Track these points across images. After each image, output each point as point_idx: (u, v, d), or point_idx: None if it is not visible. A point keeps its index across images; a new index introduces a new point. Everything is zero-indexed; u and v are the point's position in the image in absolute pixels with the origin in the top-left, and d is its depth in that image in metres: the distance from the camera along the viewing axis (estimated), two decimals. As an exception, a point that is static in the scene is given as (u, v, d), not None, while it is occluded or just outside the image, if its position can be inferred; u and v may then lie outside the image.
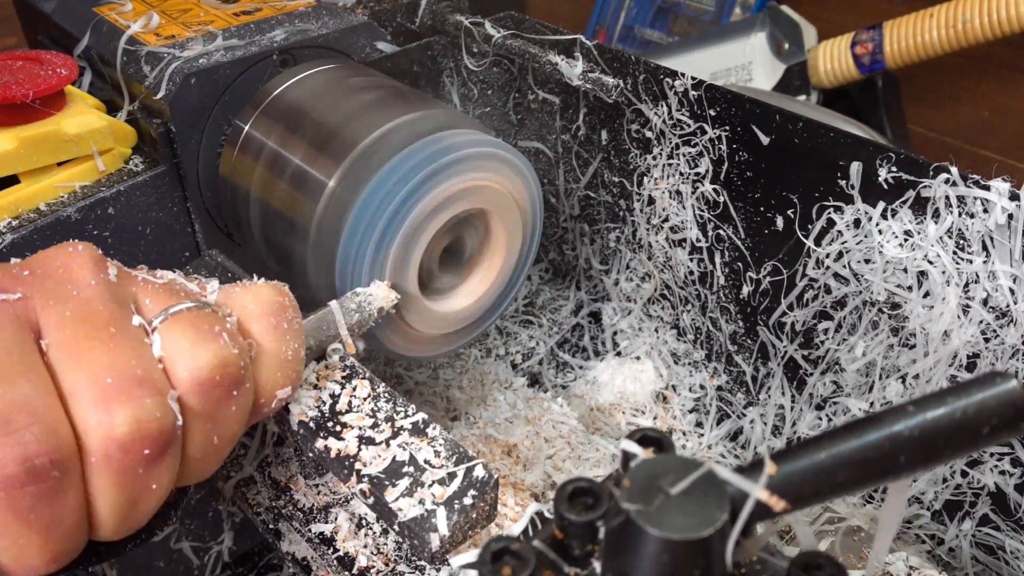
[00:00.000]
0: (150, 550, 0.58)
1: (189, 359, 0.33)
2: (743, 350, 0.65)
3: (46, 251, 0.35)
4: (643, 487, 0.25)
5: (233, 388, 0.34)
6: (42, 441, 0.29)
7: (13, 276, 0.33)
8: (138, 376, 0.31)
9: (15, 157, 0.46)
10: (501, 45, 0.64)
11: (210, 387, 0.33)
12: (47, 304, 0.32)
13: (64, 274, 0.33)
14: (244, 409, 0.36)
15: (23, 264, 0.34)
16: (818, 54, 1.01)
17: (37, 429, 0.29)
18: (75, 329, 0.31)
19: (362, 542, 0.49)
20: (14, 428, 0.29)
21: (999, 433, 0.24)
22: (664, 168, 0.63)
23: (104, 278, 0.34)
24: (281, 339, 0.37)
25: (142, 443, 0.31)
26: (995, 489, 0.52)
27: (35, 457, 0.29)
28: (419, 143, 0.48)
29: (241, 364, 0.35)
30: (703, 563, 0.24)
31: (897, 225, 0.50)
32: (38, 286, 0.32)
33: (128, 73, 0.53)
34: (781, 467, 0.25)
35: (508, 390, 0.71)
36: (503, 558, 0.27)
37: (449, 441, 0.38)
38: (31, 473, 0.29)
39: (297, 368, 0.38)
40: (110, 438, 0.30)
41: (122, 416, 0.31)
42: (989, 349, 0.49)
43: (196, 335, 0.34)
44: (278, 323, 0.38)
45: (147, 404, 0.31)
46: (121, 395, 0.31)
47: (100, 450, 0.31)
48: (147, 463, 0.32)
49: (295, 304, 0.39)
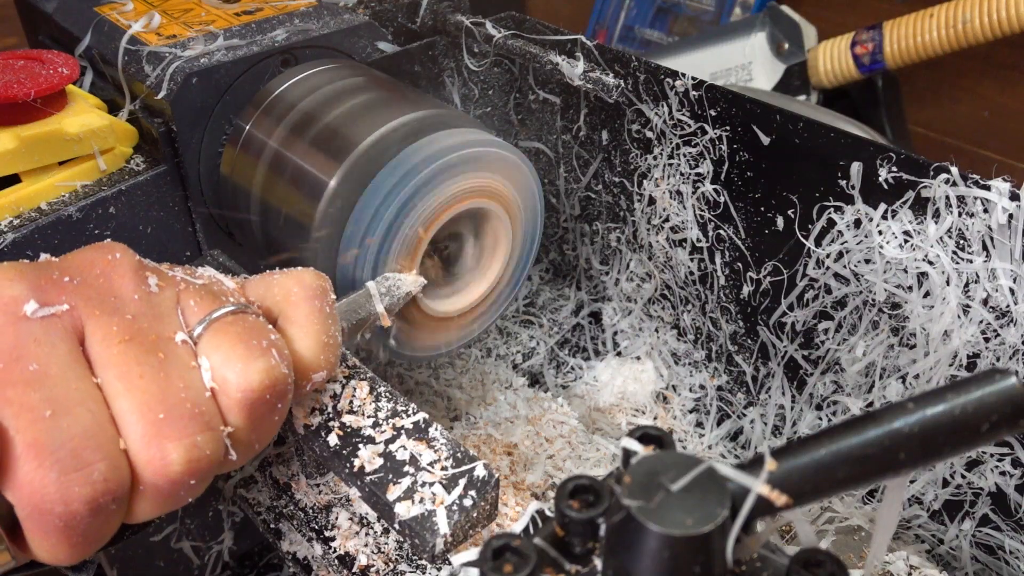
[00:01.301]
0: (150, 549, 0.58)
1: (241, 378, 0.33)
2: (743, 350, 0.65)
3: (82, 253, 0.34)
4: (644, 484, 0.25)
5: (279, 402, 0.35)
6: (109, 480, 0.30)
7: (55, 283, 0.32)
8: (189, 411, 0.32)
9: (16, 156, 0.46)
10: (502, 45, 0.64)
11: (259, 405, 0.34)
12: (92, 314, 0.32)
13: (105, 284, 0.33)
14: (284, 415, 0.36)
15: (62, 268, 0.33)
16: (818, 54, 1.01)
17: (104, 467, 0.30)
18: (123, 350, 0.31)
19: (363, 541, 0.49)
20: (83, 464, 0.29)
21: (999, 430, 0.24)
22: (665, 168, 0.63)
23: (145, 290, 0.34)
24: (324, 323, 0.38)
25: (191, 476, 0.32)
26: (995, 489, 0.52)
27: (102, 497, 0.30)
28: (420, 143, 0.48)
29: (289, 380, 0.35)
30: (703, 559, 0.24)
31: (897, 225, 0.50)
32: (81, 294, 0.32)
33: (129, 73, 0.53)
34: (781, 463, 0.25)
35: (508, 390, 0.71)
36: (504, 556, 0.27)
37: (450, 441, 0.38)
38: (95, 511, 0.30)
39: (336, 352, 0.39)
40: (163, 475, 0.31)
41: (176, 455, 0.31)
42: (989, 349, 0.49)
43: (246, 352, 0.33)
44: (321, 307, 0.38)
45: (199, 442, 0.31)
46: (174, 432, 0.31)
47: (151, 482, 0.31)
48: (191, 488, 0.32)
49: (332, 289, 0.40)
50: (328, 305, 0.39)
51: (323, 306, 0.38)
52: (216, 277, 0.38)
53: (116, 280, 0.33)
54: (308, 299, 0.38)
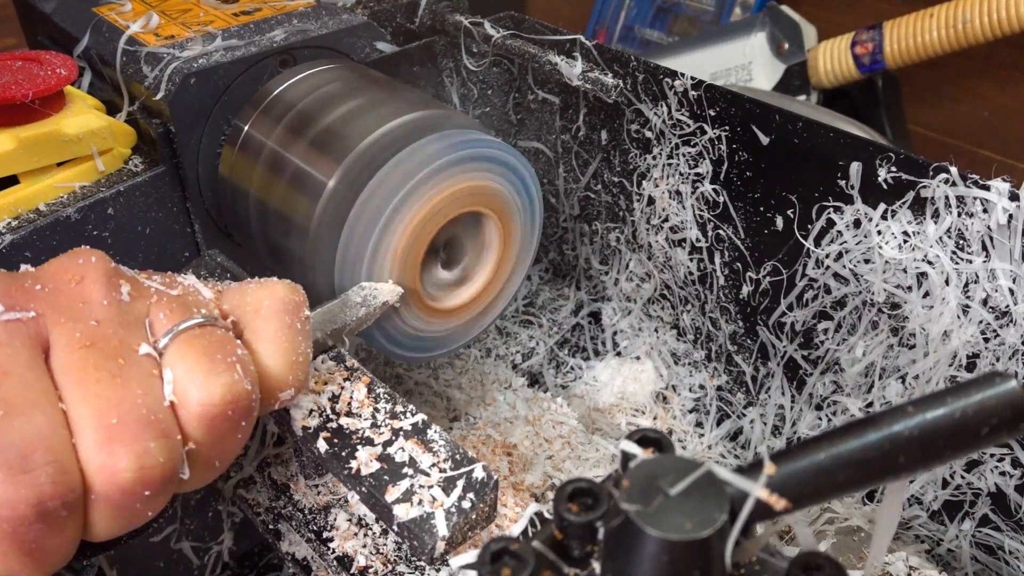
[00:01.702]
0: (150, 550, 0.58)
1: (202, 392, 0.33)
2: (743, 350, 0.65)
3: (58, 260, 0.34)
4: (642, 488, 0.25)
5: (241, 420, 0.34)
6: (56, 483, 0.29)
7: (26, 291, 0.32)
8: (143, 417, 0.31)
9: (14, 157, 0.46)
10: (501, 45, 0.64)
11: (220, 421, 0.33)
12: (58, 321, 0.32)
13: (76, 289, 0.33)
14: (247, 434, 0.35)
15: (35, 276, 0.33)
16: (818, 54, 1.01)
17: (52, 470, 0.29)
18: (84, 355, 0.31)
19: (361, 542, 0.49)
20: (30, 467, 0.29)
21: (998, 433, 0.24)
22: (664, 168, 0.63)
23: (116, 297, 0.33)
24: (293, 340, 0.37)
25: (143, 487, 0.31)
26: (995, 490, 0.52)
27: (48, 500, 0.29)
28: (418, 143, 0.48)
29: (252, 397, 0.34)
30: (702, 564, 0.24)
31: (897, 225, 0.50)
32: (51, 302, 0.32)
33: (128, 73, 0.53)
34: (780, 467, 0.25)
35: (508, 390, 0.71)
36: (502, 559, 0.27)
37: (449, 442, 0.38)
38: (42, 515, 0.29)
39: (306, 369, 0.38)
40: (113, 482, 0.30)
41: (125, 461, 0.30)
42: (989, 349, 0.49)
43: (209, 365, 0.33)
44: (292, 323, 0.37)
45: (151, 448, 0.31)
46: (126, 437, 0.30)
47: (102, 490, 0.31)
48: (145, 500, 0.32)
49: (307, 304, 0.39)
50: (300, 321, 0.38)
51: (294, 322, 0.37)
52: (195, 287, 0.37)
53: (87, 286, 0.33)
54: (278, 314, 0.37)
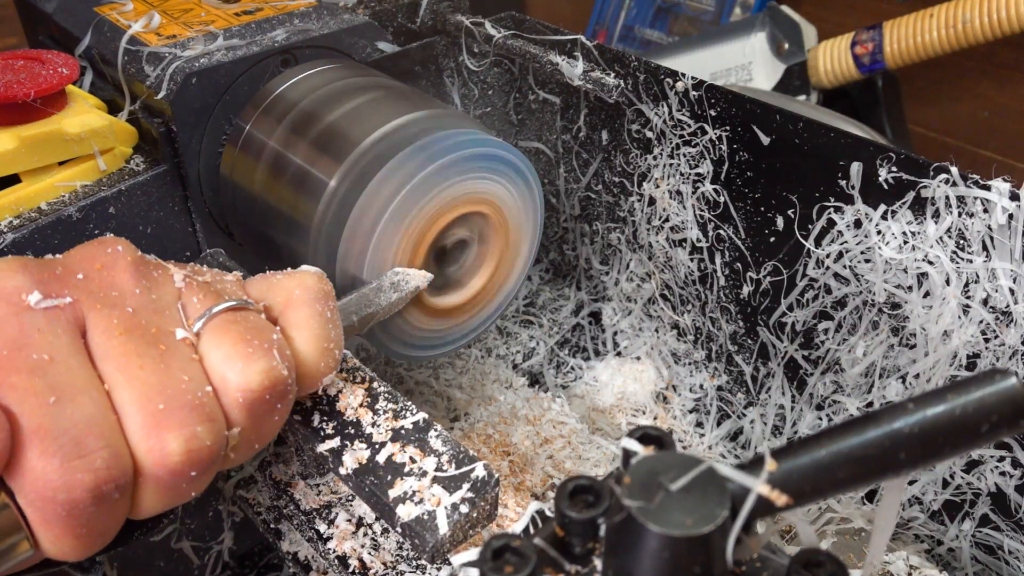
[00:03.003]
0: (150, 549, 0.58)
1: (240, 377, 0.33)
2: (743, 350, 0.65)
3: (84, 249, 0.34)
4: (644, 484, 0.25)
5: (279, 403, 0.35)
6: (111, 467, 0.30)
7: (59, 278, 0.32)
8: (189, 402, 0.32)
9: (16, 156, 0.46)
10: (502, 45, 0.64)
11: (259, 405, 0.34)
12: (93, 307, 0.32)
13: (106, 277, 0.33)
14: (284, 416, 0.36)
15: (63, 264, 0.33)
16: (818, 54, 1.01)
17: (106, 454, 0.30)
18: (124, 342, 0.32)
19: (362, 542, 0.49)
20: (86, 452, 0.29)
21: (999, 430, 0.24)
22: (665, 168, 0.63)
23: (145, 284, 0.34)
24: (324, 327, 0.38)
25: (192, 468, 0.32)
26: (995, 490, 0.52)
27: (104, 484, 0.30)
28: (420, 143, 0.48)
29: (289, 380, 0.35)
30: (703, 560, 0.24)
31: (897, 225, 0.50)
32: (84, 288, 0.32)
33: (129, 73, 0.53)
34: (781, 464, 0.25)
35: (508, 390, 0.71)
36: (504, 556, 0.27)
37: (450, 441, 0.38)
38: (98, 499, 0.30)
39: (337, 356, 0.39)
40: (162, 465, 0.31)
41: (175, 445, 0.31)
42: (989, 349, 0.49)
43: (247, 350, 0.33)
44: (323, 310, 0.38)
45: (198, 432, 0.32)
46: (173, 422, 0.31)
47: (151, 473, 0.31)
48: (192, 480, 0.32)
49: (334, 292, 0.40)
50: (330, 309, 0.38)
51: (324, 310, 0.38)
52: (220, 275, 0.38)
53: (117, 274, 0.33)
54: (309, 302, 0.38)
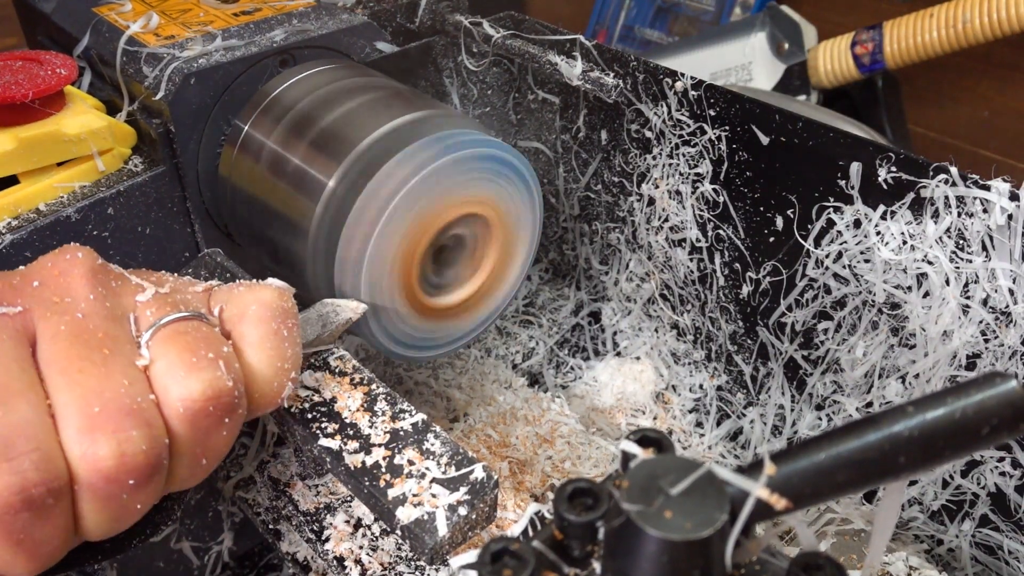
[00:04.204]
0: (150, 550, 0.58)
1: (182, 387, 0.32)
2: (743, 350, 0.65)
3: (46, 257, 0.34)
4: (643, 487, 0.25)
5: (225, 416, 0.34)
6: (40, 470, 0.29)
7: (13, 288, 0.32)
8: (126, 406, 0.31)
9: (14, 157, 0.46)
10: (501, 45, 0.64)
11: (201, 417, 0.33)
12: (44, 315, 0.32)
13: (61, 282, 0.33)
14: (234, 432, 0.35)
15: (24, 274, 0.33)
16: (818, 54, 1.01)
17: (36, 457, 0.29)
18: (68, 346, 0.31)
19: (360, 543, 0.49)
20: (14, 455, 0.29)
21: (999, 434, 0.24)
22: (664, 168, 0.63)
23: (101, 292, 0.33)
24: (280, 344, 0.37)
25: (127, 475, 0.31)
26: (995, 490, 0.52)
27: (32, 487, 0.29)
28: (419, 143, 0.48)
29: (235, 393, 0.34)
30: (703, 564, 0.24)
31: (896, 225, 0.50)
32: (37, 297, 0.32)
33: (128, 73, 0.53)
34: (781, 467, 0.25)
35: (508, 390, 0.71)
36: (502, 559, 0.27)
37: (449, 442, 0.38)
38: (27, 502, 0.29)
39: (292, 375, 0.38)
40: (95, 469, 0.30)
41: (107, 449, 0.30)
42: (989, 350, 0.49)
43: (191, 360, 0.33)
44: (279, 328, 0.37)
45: (133, 436, 0.31)
46: (108, 425, 0.30)
47: (86, 479, 0.31)
48: (131, 490, 0.32)
49: (296, 310, 0.39)
50: (287, 327, 0.37)
51: (280, 327, 0.37)
52: (186, 284, 0.37)
53: (72, 281, 0.33)
54: (265, 319, 0.37)
